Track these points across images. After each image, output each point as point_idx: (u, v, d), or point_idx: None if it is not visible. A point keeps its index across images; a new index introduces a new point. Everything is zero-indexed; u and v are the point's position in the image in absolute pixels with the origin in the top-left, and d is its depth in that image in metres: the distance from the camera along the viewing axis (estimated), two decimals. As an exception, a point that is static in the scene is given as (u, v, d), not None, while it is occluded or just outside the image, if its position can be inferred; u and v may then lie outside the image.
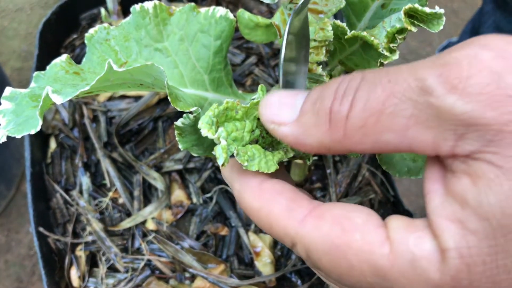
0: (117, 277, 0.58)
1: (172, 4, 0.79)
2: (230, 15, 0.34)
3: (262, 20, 0.30)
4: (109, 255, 0.59)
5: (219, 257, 0.59)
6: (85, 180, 0.65)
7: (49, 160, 0.67)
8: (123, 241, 0.60)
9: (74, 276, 0.59)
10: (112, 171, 0.64)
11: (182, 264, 0.57)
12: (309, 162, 0.32)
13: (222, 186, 0.63)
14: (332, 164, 0.64)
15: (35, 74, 0.31)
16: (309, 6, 0.28)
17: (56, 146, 0.68)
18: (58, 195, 0.64)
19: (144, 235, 0.61)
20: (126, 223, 0.61)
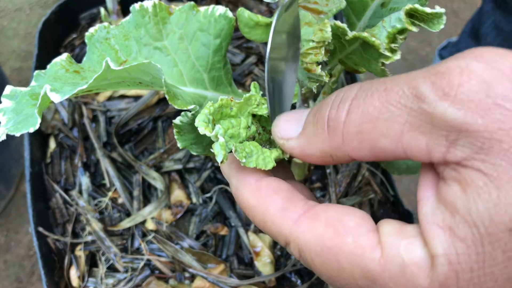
0: (116, 277, 0.58)
1: (171, 3, 0.79)
2: (230, 13, 0.34)
3: (262, 19, 0.30)
4: (108, 255, 0.59)
5: (219, 257, 0.59)
6: (85, 180, 0.65)
7: (48, 160, 0.67)
8: (123, 241, 0.60)
9: (74, 276, 0.59)
10: (111, 171, 0.64)
11: (181, 264, 0.57)
12: None
13: (222, 186, 0.63)
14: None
15: (36, 73, 0.31)
16: (310, 6, 0.29)
17: (56, 146, 0.68)
18: (57, 195, 0.64)
19: (143, 235, 0.60)
20: (126, 223, 0.61)
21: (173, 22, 0.34)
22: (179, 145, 0.30)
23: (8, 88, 0.29)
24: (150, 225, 0.61)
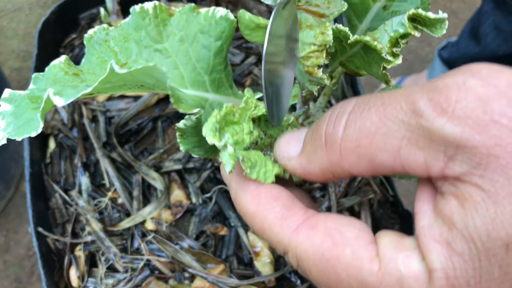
0: (116, 277, 0.58)
1: (171, 3, 0.79)
2: (231, 15, 0.33)
3: (263, 21, 0.30)
4: (108, 255, 0.59)
5: (219, 257, 0.59)
6: (84, 180, 0.65)
7: (48, 160, 0.67)
8: (123, 241, 0.60)
9: (73, 276, 0.59)
10: (111, 171, 0.64)
11: (181, 264, 0.57)
12: None
13: (222, 186, 0.63)
14: (332, 164, 0.64)
15: (34, 75, 0.31)
16: (311, 9, 0.28)
17: (55, 146, 0.68)
18: (57, 195, 0.64)
19: (143, 235, 0.60)
20: (126, 223, 0.61)
21: (173, 24, 0.34)
22: (181, 148, 0.30)
23: (7, 92, 0.29)
24: (150, 225, 0.61)
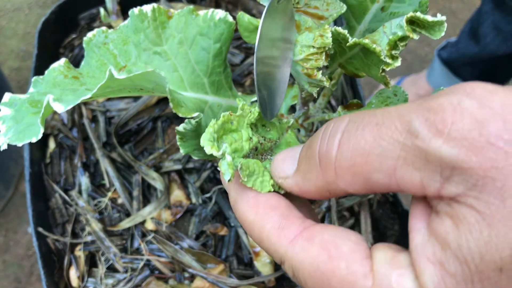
0: (116, 277, 0.58)
1: (171, 4, 0.79)
2: (229, 18, 0.33)
3: (261, 23, 0.30)
4: (108, 255, 0.59)
5: (219, 257, 0.59)
6: (84, 180, 0.65)
7: (48, 160, 0.67)
8: (122, 241, 0.60)
9: (73, 276, 0.59)
10: (111, 171, 0.64)
11: (181, 264, 0.58)
12: None
13: (221, 186, 0.63)
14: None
15: (34, 79, 0.31)
16: (310, 11, 0.29)
17: (55, 146, 0.68)
18: (57, 195, 0.64)
19: (143, 235, 0.61)
20: (125, 223, 0.61)
21: (172, 27, 0.34)
22: (181, 151, 0.30)
23: (7, 96, 0.29)
24: (150, 225, 0.61)
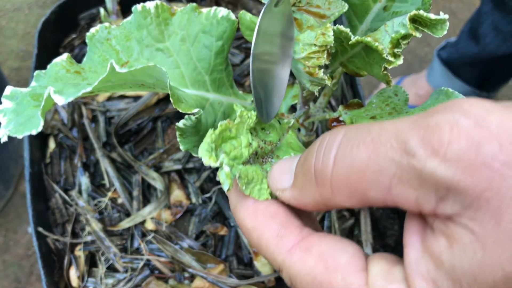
0: (116, 277, 0.58)
1: (171, 4, 0.79)
2: (232, 16, 0.33)
3: (263, 21, 0.30)
4: (108, 255, 0.59)
5: (218, 257, 0.59)
6: (84, 180, 0.65)
7: (48, 160, 0.67)
8: (122, 241, 0.60)
9: (73, 276, 0.59)
10: (111, 171, 0.64)
11: (181, 264, 0.58)
12: None
13: (221, 186, 0.63)
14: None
15: (36, 73, 0.31)
16: (312, 10, 0.29)
17: (55, 146, 0.68)
18: (57, 195, 0.64)
19: (143, 235, 0.60)
20: (125, 223, 0.61)
21: (175, 24, 0.34)
22: (181, 147, 0.30)
23: (8, 89, 0.29)
24: (150, 225, 0.61)
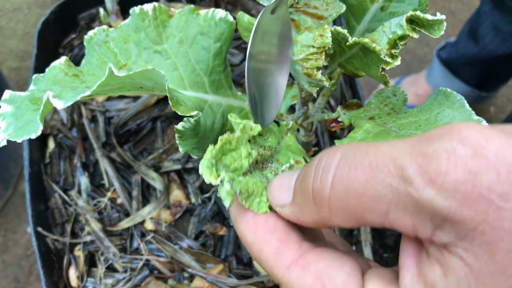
0: (115, 277, 0.58)
1: (170, 4, 0.79)
2: (230, 17, 0.34)
3: (261, 22, 0.30)
4: (107, 255, 0.59)
5: (218, 257, 0.59)
6: (84, 180, 0.65)
7: (47, 160, 0.67)
8: (122, 241, 0.60)
9: (73, 276, 0.59)
10: (110, 171, 0.64)
11: (180, 264, 0.58)
12: None
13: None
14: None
15: (34, 76, 0.31)
16: (310, 11, 0.29)
17: (55, 146, 0.68)
18: (56, 195, 0.64)
19: (142, 235, 0.61)
20: (125, 223, 0.61)
21: (173, 26, 0.34)
22: (180, 150, 0.30)
23: (7, 93, 0.29)
24: (149, 225, 0.61)
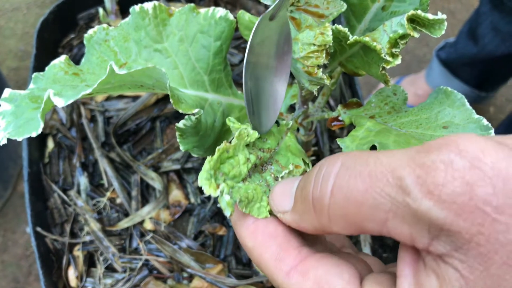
0: (115, 277, 0.58)
1: (170, 4, 0.79)
2: (230, 16, 0.34)
3: (262, 21, 0.30)
4: (107, 255, 0.59)
5: (217, 257, 0.59)
6: (83, 180, 0.65)
7: (46, 160, 0.67)
8: (121, 241, 0.60)
9: (72, 276, 0.59)
10: (109, 171, 0.64)
11: (180, 264, 0.58)
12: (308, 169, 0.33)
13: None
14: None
15: (34, 75, 0.31)
16: (310, 10, 0.29)
17: (54, 146, 0.68)
18: (55, 195, 0.64)
19: (142, 235, 0.60)
20: (124, 223, 0.61)
21: (173, 24, 0.34)
22: (181, 148, 0.30)
23: (7, 91, 0.29)
24: (148, 225, 0.61)
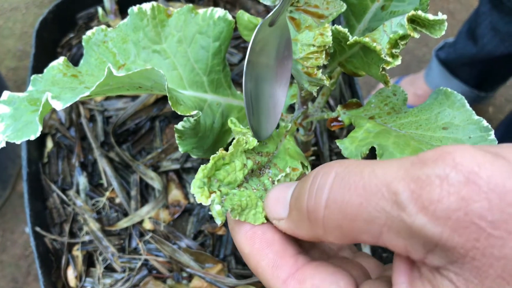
0: (114, 277, 0.58)
1: (169, 3, 0.79)
2: (229, 16, 0.33)
3: (261, 21, 0.30)
4: (106, 255, 0.59)
5: (217, 256, 0.59)
6: (82, 180, 0.65)
7: (45, 160, 0.67)
8: (120, 241, 0.60)
9: (71, 276, 0.59)
10: (109, 171, 0.64)
11: (179, 264, 0.58)
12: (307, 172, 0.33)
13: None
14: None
15: (33, 77, 0.31)
16: (310, 10, 0.29)
17: (53, 146, 0.68)
18: (54, 195, 0.64)
19: (141, 234, 0.60)
20: (123, 223, 0.61)
21: (171, 25, 0.34)
22: (180, 149, 0.30)
23: (5, 94, 0.29)
24: (148, 225, 0.61)
